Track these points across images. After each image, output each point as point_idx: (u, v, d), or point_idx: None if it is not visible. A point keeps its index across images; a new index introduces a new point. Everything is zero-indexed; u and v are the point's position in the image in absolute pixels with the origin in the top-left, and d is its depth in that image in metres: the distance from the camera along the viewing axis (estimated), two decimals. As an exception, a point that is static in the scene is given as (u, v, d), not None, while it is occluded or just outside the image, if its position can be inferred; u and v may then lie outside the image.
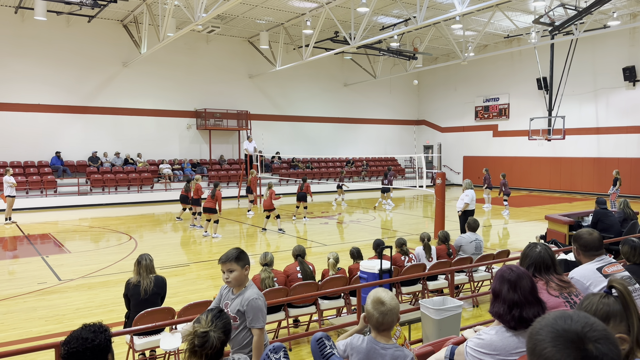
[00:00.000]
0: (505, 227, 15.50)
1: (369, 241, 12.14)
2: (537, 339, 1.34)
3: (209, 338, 2.35)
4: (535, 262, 3.08)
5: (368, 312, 2.79)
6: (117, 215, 18.09)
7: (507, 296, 2.47)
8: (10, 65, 20.84)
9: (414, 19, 16.21)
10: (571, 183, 25.68)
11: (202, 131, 25.76)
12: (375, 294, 2.82)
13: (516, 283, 2.49)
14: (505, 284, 2.51)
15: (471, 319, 6.82)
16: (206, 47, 25.55)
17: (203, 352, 2.34)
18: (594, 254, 3.59)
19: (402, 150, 32.84)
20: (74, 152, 22.48)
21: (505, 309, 2.45)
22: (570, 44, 23.16)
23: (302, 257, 6.50)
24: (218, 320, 2.43)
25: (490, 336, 2.48)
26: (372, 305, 2.78)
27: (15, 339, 6.15)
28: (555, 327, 1.33)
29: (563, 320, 1.34)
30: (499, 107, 29.03)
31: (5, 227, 15.34)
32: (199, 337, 2.34)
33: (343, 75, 30.60)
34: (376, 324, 2.78)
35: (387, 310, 2.75)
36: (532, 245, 3.22)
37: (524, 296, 2.45)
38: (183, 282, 8.93)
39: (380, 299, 2.78)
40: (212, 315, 2.45)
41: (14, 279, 9.17)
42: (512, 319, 2.43)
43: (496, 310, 2.50)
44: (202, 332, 2.35)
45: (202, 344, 2.33)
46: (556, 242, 9.02)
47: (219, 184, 14.19)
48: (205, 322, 2.40)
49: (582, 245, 3.63)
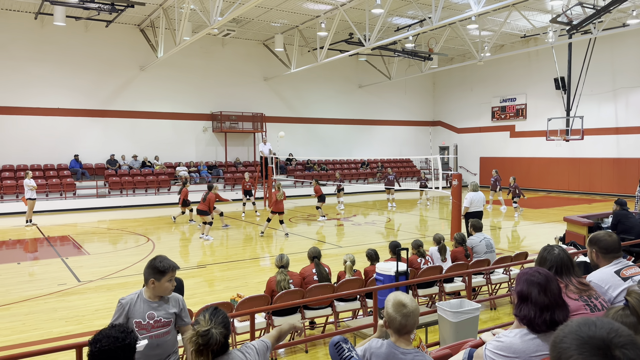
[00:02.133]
0: (515, 229, 15.33)
1: (380, 243, 12.15)
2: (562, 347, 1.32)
3: (211, 335, 2.42)
4: (555, 264, 3.04)
5: (390, 315, 2.75)
6: (134, 218, 18.30)
7: (538, 299, 2.42)
8: (31, 70, 21.22)
9: (429, 19, 16.14)
10: (590, 184, 25.30)
11: (218, 134, 25.95)
12: (395, 297, 2.80)
13: (546, 286, 2.45)
14: (534, 286, 2.46)
15: (489, 322, 6.76)
16: (222, 50, 25.73)
17: (208, 349, 2.42)
18: (614, 257, 3.54)
19: (417, 152, 32.67)
20: (92, 155, 22.80)
21: (537, 312, 2.40)
22: (588, 43, 22.85)
23: (318, 259, 6.51)
24: (215, 317, 2.49)
25: (510, 339, 2.45)
26: (393, 309, 2.74)
27: (37, 339, 6.25)
28: (579, 334, 1.30)
29: (587, 327, 1.32)
30: (516, 108, 28.73)
31: (26, 229, 15.61)
32: (202, 336, 2.41)
33: (358, 76, 30.57)
34: (399, 327, 2.74)
35: (409, 312, 2.73)
36: (549, 248, 3.18)
37: (554, 299, 2.42)
38: (200, 283, 9.00)
39: (401, 301, 2.75)
40: (209, 313, 2.51)
41: (35, 280, 9.33)
42: (543, 322, 2.39)
43: (525, 314, 2.45)
44: (204, 331, 2.42)
45: (206, 342, 2.41)
46: (575, 244, 8.91)
47: (212, 186, 14.07)
48: (204, 321, 2.46)
49: (602, 248, 3.56)
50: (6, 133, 20.92)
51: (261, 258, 11.43)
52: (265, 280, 6.36)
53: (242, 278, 9.31)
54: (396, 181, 20.59)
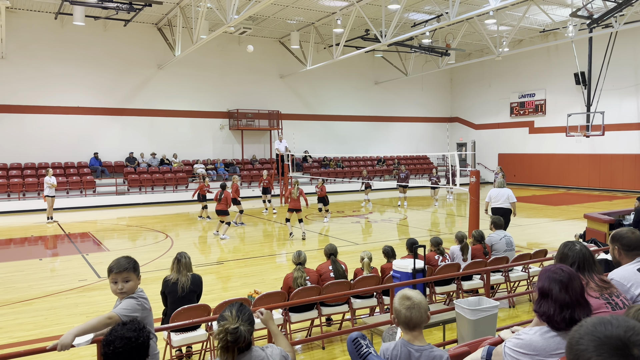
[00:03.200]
0: (533, 226, 15.13)
1: (396, 240, 12.12)
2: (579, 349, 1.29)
3: (240, 332, 2.39)
4: (577, 260, 2.98)
5: (395, 309, 2.78)
6: (153, 214, 18.50)
7: (559, 297, 2.39)
8: (51, 69, 21.57)
9: (446, 14, 15.99)
10: (611, 180, 24.87)
11: (235, 131, 26.08)
12: (401, 292, 2.83)
13: (568, 284, 2.41)
14: (556, 284, 2.43)
15: (507, 320, 6.69)
16: (238, 48, 25.84)
17: (236, 346, 2.39)
18: (637, 254, 3.47)
19: (434, 148, 32.45)
20: (111, 153, 23.12)
21: (557, 309, 2.38)
22: (609, 37, 22.44)
23: (335, 256, 6.51)
24: (242, 313, 2.46)
25: (530, 336, 2.43)
26: (398, 302, 2.77)
27: (59, 333, 6.35)
28: (596, 335, 1.28)
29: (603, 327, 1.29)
30: (535, 103, 28.35)
31: (47, 226, 15.89)
32: (231, 333, 2.37)
33: (374, 73, 30.45)
34: (405, 320, 2.73)
35: (413, 305, 2.71)
36: (570, 244, 3.12)
37: (575, 297, 2.39)
38: (217, 279, 9.07)
39: (405, 294, 2.77)
40: (235, 310, 2.47)
41: (56, 276, 9.50)
42: (562, 320, 2.36)
43: (544, 310, 2.42)
44: (234, 328, 2.38)
45: (235, 339, 2.37)
46: (596, 241, 8.77)
47: (226, 185, 13.87)
48: (231, 318, 2.42)
49: (625, 245, 3.50)
50: (28, 131, 21.31)
51: (278, 255, 11.48)
52: (282, 277, 6.38)
53: (259, 275, 9.36)
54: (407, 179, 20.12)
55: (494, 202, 11.18)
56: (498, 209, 11.14)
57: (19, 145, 21.20)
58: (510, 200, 11.10)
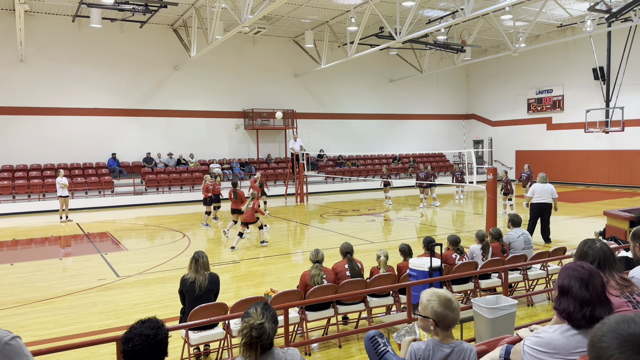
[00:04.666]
0: (552, 223, 14.93)
1: (412, 239, 12.07)
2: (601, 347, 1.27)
3: (265, 329, 2.39)
4: (597, 258, 2.93)
5: (440, 314, 2.68)
6: (170, 214, 18.68)
7: (579, 294, 2.36)
8: (69, 71, 21.89)
9: (462, 11, 15.84)
10: (631, 177, 24.42)
11: (250, 131, 26.19)
12: (438, 295, 2.73)
13: (588, 281, 2.38)
14: (576, 281, 2.39)
15: (526, 319, 6.62)
16: (253, 48, 25.93)
17: (260, 343, 2.38)
18: (659, 251, 3.40)
19: (450, 146, 32.21)
20: (129, 153, 23.38)
21: (577, 306, 2.35)
22: (629, 31, 22.04)
23: (351, 255, 6.50)
24: (267, 311, 2.47)
25: (549, 334, 2.40)
26: (443, 307, 2.69)
27: (79, 332, 6.46)
28: (619, 332, 1.26)
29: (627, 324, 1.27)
30: (552, 99, 27.97)
31: (62, 225, 16.13)
32: (256, 328, 2.37)
33: (389, 71, 30.32)
34: (451, 322, 2.71)
35: (456, 305, 2.73)
36: (590, 242, 3.07)
37: (596, 295, 2.35)
38: (234, 278, 9.13)
39: (447, 297, 2.72)
40: (260, 307, 2.47)
41: (76, 275, 9.64)
42: (582, 317, 2.33)
43: (564, 308, 2.39)
44: (259, 324, 2.38)
45: (259, 335, 2.37)
46: (616, 238, 8.64)
47: (237, 183, 13.41)
48: (256, 314, 2.43)
49: (645, 242, 3.44)
50: (47, 133, 21.65)
51: (293, 254, 11.50)
52: (298, 276, 6.39)
53: (275, 273, 9.39)
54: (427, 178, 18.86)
55: (537, 198, 11.21)
56: (541, 204, 11.23)
57: (38, 146, 21.56)
58: (553, 195, 11.27)
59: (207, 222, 15.36)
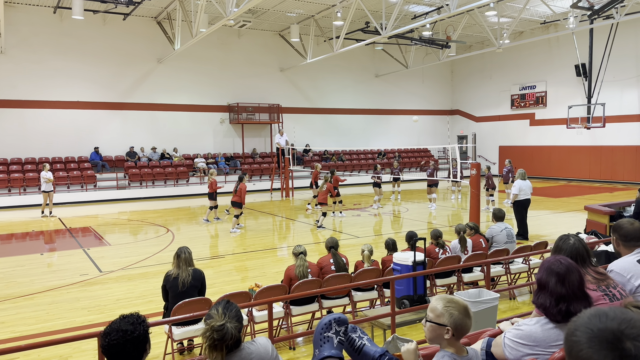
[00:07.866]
0: (535, 218, 15.14)
1: (398, 233, 12.13)
2: (573, 341, 1.28)
3: (227, 330, 2.33)
4: (570, 254, 2.99)
5: (459, 322, 2.40)
6: (154, 209, 18.52)
7: (555, 289, 2.39)
8: (51, 64, 21.52)
9: (447, 6, 15.90)
10: (612, 172, 24.84)
11: (235, 125, 26.05)
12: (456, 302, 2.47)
13: (565, 276, 2.41)
14: (553, 276, 2.43)
15: (508, 312, 6.71)
16: (238, 41, 25.76)
17: (224, 344, 2.33)
18: (635, 245, 3.46)
19: (435, 141, 32.39)
20: (112, 147, 23.10)
21: (552, 302, 2.38)
22: (610, 29, 22.34)
23: (335, 249, 6.52)
24: (229, 310, 2.41)
25: (530, 327, 2.43)
26: (463, 315, 2.42)
27: (60, 328, 6.40)
28: (590, 327, 1.27)
29: (598, 319, 1.27)
30: (535, 95, 28.28)
31: (43, 220, 15.91)
32: (217, 331, 2.31)
33: (374, 66, 30.36)
34: (467, 332, 2.47)
35: (472, 313, 2.50)
36: (565, 238, 3.13)
37: (572, 290, 2.38)
38: (218, 273, 9.09)
39: (464, 304, 2.46)
40: (222, 307, 2.41)
41: (58, 271, 9.52)
42: (558, 312, 2.37)
43: (541, 302, 2.43)
44: (220, 326, 2.32)
45: (221, 337, 2.32)
46: (596, 232, 8.78)
47: (243, 177, 13.56)
48: (217, 315, 2.37)
49: (622, 236, 3.50)
50: (28, 126, 21.28)
51: (279, 248, 11.50)
52: (283, 270, 6.39)
53: (260, 268, 9.38)
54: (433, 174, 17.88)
55: (522, 195, 11.33)
56: (526, 201, 11.37)
57: (19, 140, 21.18)
58: (530, 191, 11.59)
59: (207, 218, 14.91)
